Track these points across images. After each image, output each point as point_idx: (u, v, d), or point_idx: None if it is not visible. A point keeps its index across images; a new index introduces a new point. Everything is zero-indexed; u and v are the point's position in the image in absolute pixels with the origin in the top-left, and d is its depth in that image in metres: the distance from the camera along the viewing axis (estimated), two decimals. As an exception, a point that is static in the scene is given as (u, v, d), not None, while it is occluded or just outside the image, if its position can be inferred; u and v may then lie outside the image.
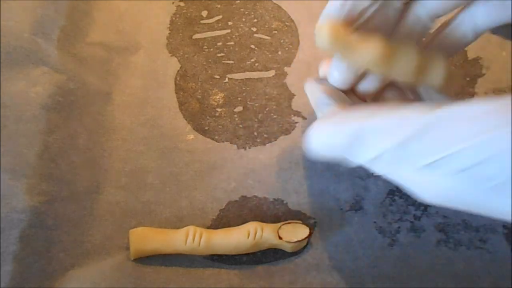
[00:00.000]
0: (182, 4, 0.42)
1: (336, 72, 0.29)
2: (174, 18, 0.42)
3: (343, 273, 0.33)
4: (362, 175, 0.36)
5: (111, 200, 0.34)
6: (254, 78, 0.40)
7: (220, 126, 0.38)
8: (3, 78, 0.35)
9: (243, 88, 0.39)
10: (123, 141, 0.37)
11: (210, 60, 0.40)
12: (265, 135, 0.37)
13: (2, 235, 0.31)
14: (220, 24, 0.42)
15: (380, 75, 0.29)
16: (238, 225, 0.33)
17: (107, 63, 0.39)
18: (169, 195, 0.35)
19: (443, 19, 0.28)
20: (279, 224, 0.33)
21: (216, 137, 0.37)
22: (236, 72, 0.40)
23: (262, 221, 0.33)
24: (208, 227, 0.34)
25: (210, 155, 0.36)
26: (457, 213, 0.34)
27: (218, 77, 0.40)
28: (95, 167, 0.35)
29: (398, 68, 0.27)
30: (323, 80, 0.30)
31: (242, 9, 0.42)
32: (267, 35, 0.41)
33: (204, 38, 0.41)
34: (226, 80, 0.39)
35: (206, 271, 0.33)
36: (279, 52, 0.41)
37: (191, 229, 0.32)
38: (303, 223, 0.33)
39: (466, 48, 0.40)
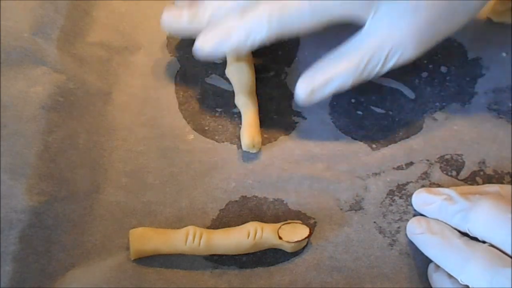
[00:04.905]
0: (182, 4, 0.42)
1: None
2: (174, 18, 0.42)
3: (343, 273, 0.33)
4: (362, 175, 0.36)
5: (111, 200, 0.34)
6: (254, 78, 0.40)
7: (220, 126, 0.38)
8: (3, 78, 0.35)
9: (243, 88, 0.39)
10: (123, 141, 0.37)
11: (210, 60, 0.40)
12: (265, 135, 0.37)
13: (2, 235, 0.31)
14: (220, 24, 0.42)
15: None
16: (238, 225, 0.33)
17: (107, 63, 0.39)
18: (169, 195, 0.35)
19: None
20: (279, 224, 0.33)
21: (216, 137, 0.37)
22: (236, 72, 0.40)
23: (262, 221, 0.33)
24: (208, 227, 0.34)
25: (210, 155, 0.36)
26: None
27: (218, 77, 0.40)
28: (95, 167, 0.35)
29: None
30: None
31: (242, 9, 0.42)
32: (267, 35, 0.41)
33: (204, 38, 0.41)
34: (226, 80, 0.39)
35: (206, 271, 0.33)
36: (279, 52, 0.41)
37: (191, 229, 0.32)
38: (303, 223, 0.33)
39: (466, 48, 0.40)
